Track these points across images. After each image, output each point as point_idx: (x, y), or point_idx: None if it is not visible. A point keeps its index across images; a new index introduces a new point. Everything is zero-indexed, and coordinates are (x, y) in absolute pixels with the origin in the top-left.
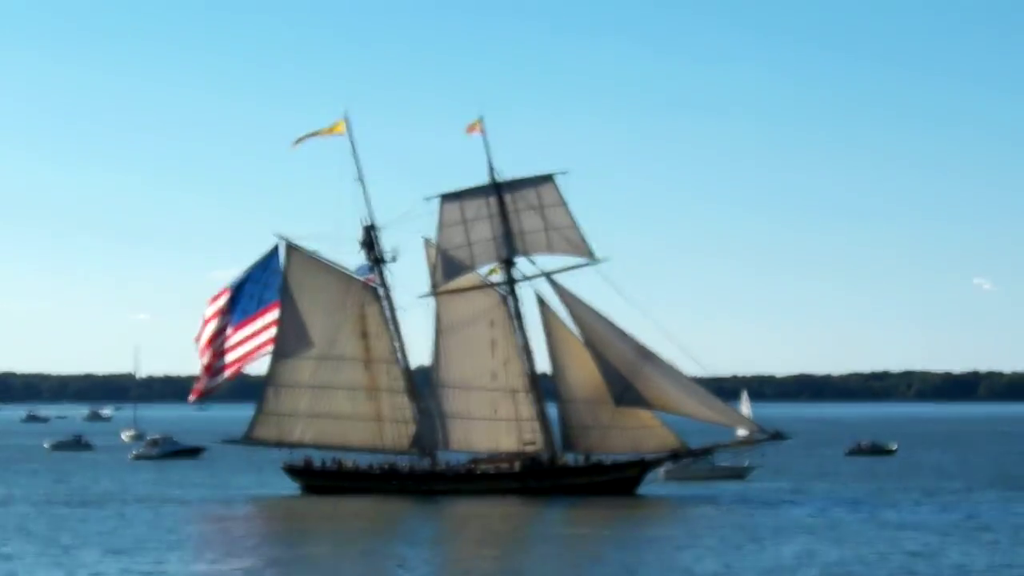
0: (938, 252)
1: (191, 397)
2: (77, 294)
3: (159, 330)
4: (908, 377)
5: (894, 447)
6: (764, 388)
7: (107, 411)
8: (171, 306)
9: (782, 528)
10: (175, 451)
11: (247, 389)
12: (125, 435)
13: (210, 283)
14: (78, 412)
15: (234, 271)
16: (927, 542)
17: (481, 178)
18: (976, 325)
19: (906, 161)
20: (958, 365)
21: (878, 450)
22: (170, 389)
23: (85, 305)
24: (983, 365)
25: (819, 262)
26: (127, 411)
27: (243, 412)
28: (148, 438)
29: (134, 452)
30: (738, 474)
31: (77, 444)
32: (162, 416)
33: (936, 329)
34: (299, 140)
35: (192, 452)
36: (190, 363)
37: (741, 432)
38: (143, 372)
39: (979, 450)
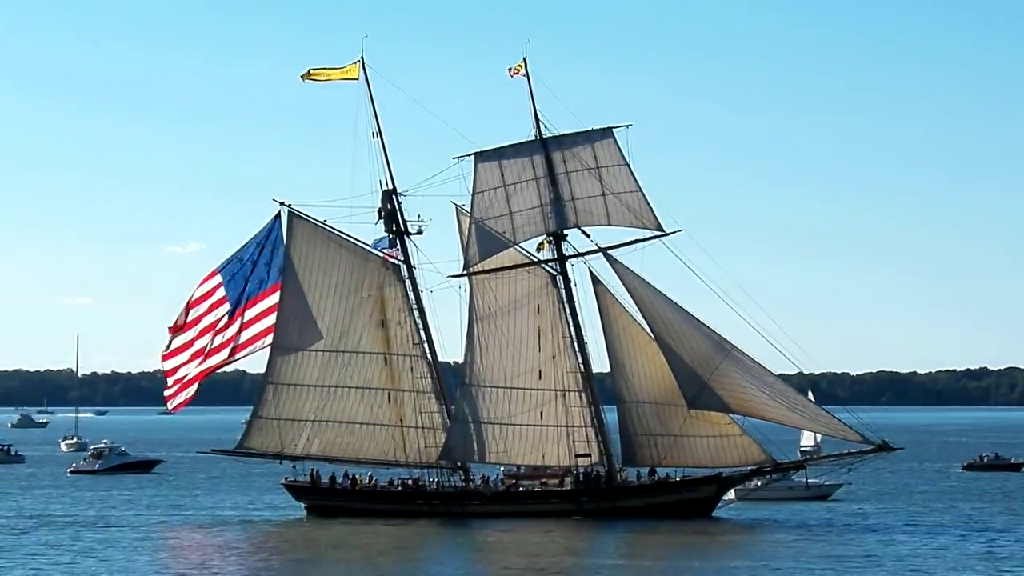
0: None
1: (170, 405)
2: (3, 275)
3: (104, 317)
4: (1010, 375)
5: (1021, 461)
6: (835, 388)
7: (42, 416)
8: (118, 289)
9: (881, 560)
10: (123, 464)
11: (218, 389)
12: (64, 445)
13: (167, 260)
14: (6, 417)
15: (204, 246)
16: None
17: (525, 133)
18: None
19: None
20: None
21: (1002, 465)
22: (119, 388)
23: (14, 288)
24: None
25: (904, 244)
26: (66, 415)
27: (213, 417)
28: (92, 448)
29: (73, 466)
30: (823, 494)
31: (5, 456)
32: (112, 422)
33: None
34: (309, 74)
35: (144, 465)
36: (144, 357)
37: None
38: (85, 368)
39: None
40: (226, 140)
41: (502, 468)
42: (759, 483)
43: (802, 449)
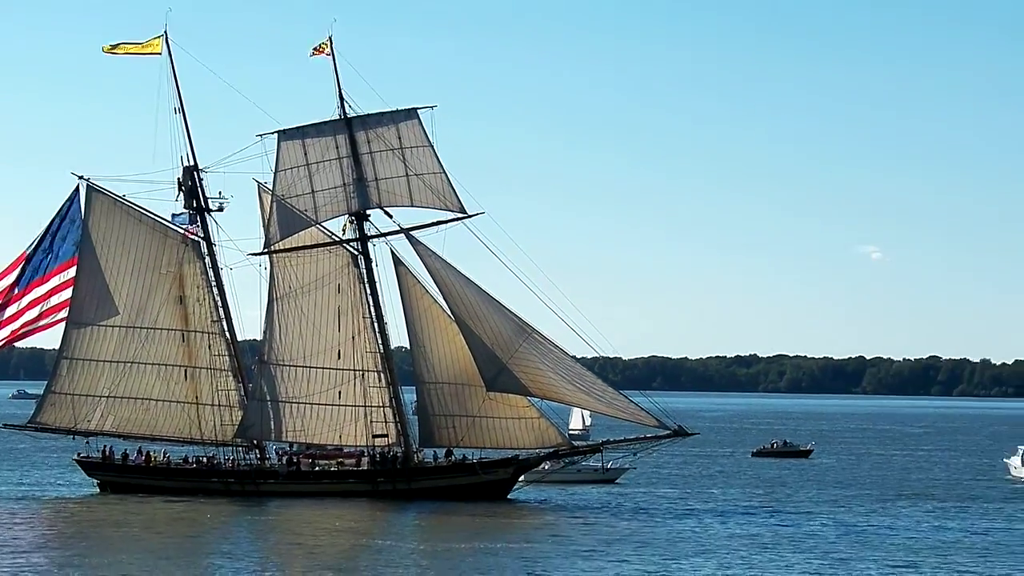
0: (815, 213)
1: None
2: None
3: None
4: (779, 363)
5: (809, 448)
6: (607, 372)
7: None
8: None
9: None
10: None
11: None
12: None
13: None
14: None
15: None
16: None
17: (329, 112)
18: (862, 302)
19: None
20: (840, 350)
21: (791, 452)
22: None
23: None
24: (870, 351)
25: (684, 220)
26: None
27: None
28: None
29: None
30: (610, 478)
31: None
32: None
33: (815, 306)
34: (110, 48)
35: None
36: None
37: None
38: None
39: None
40: (24, 109)
41: (294, 446)
42: (547, 466)
43: (571, 432)
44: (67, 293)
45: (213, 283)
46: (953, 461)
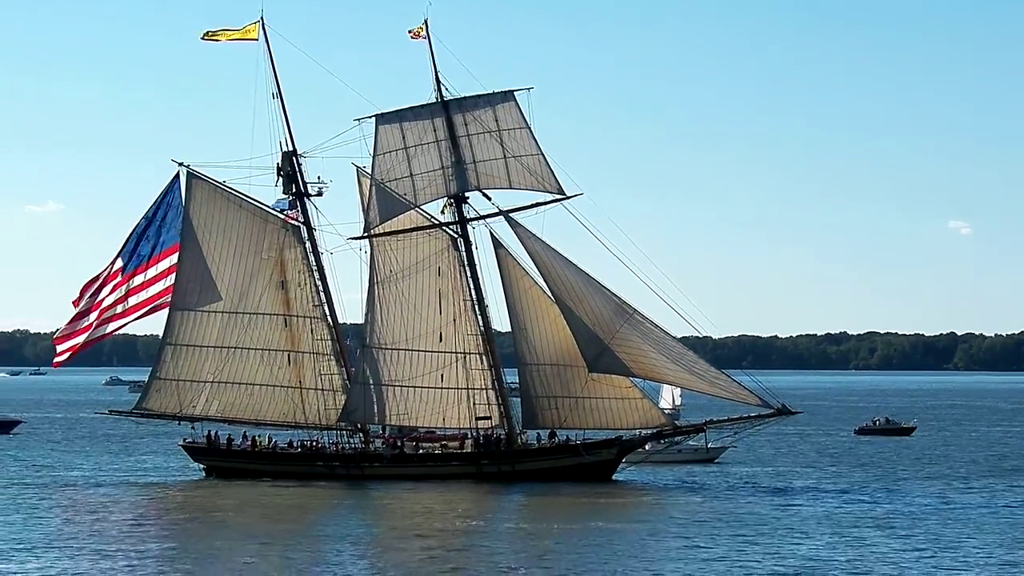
0: (903, 191)
1: (58, 358)
2: None
3: None
4: (870, 340)
5: (912, 425)
6: (697, 351)
7: None
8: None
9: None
10: None
11: (93, 352)
12: None
13: (27, 218)
14: None
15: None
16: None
17: (426, 95)
18: (953, 279)
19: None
20: (931, 327)
21: (894, 429)
22: None
23: None
24: (961, 327)
25: (772, 203)
26: None
27: (87, 378)
28: None
29: None
30: (710, 457)
31: None
32: None
33: (905, 283)
34: (208, 35)
35: (3, 427)
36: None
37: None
38: None
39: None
40: (124, 99)
41: (387, 430)
42: (650, 446)
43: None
44: (170, 279)
45: (314, 267)
46: None
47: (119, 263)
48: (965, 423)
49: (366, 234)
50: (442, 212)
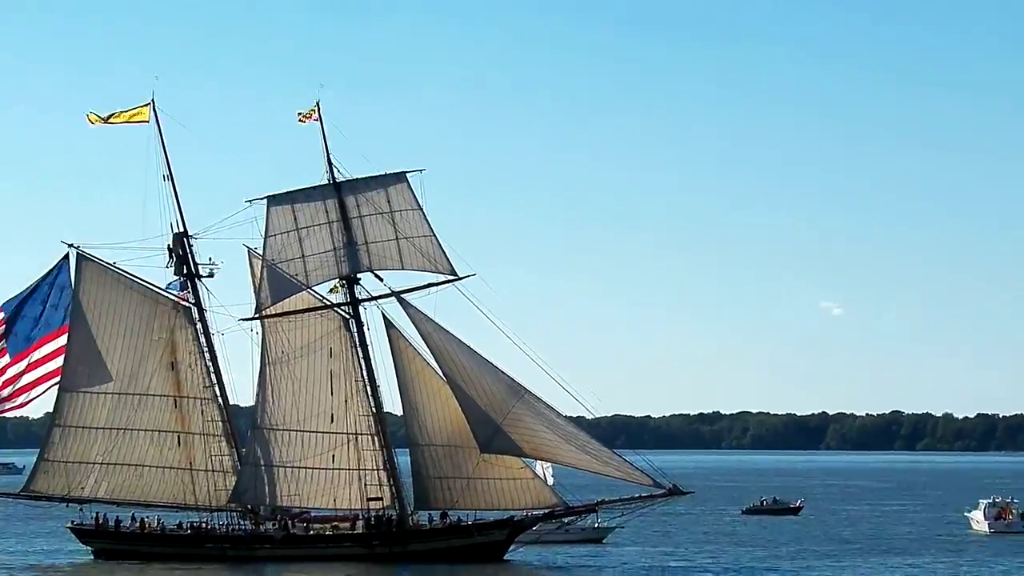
0: (776, 269)
1: None
2: None
3: None
4: (743, 419)
5: (799, 504)
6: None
7: None
8: None
9: None
10: None
11: None
12: None
13: None
14: None
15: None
16: None
17: (318, 177)
18: (824, 358)
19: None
20: (803, 407)
21: (781, 509)
22: None
23: None
24: (832, 407)
25: (646, 280)
26: None
27: None
28: None
29: None
30: (598, 537)
31: None
32: None
33: (777, 362)
34: (97, 119)
35: None
36: None
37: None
38: None
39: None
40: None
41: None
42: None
43: None
44: (59, 361)
45: (205, 349)
46: (918, 514)
47: (1, 344)
48: (847, 502)
49: (257, 315)
50: (331, 291)
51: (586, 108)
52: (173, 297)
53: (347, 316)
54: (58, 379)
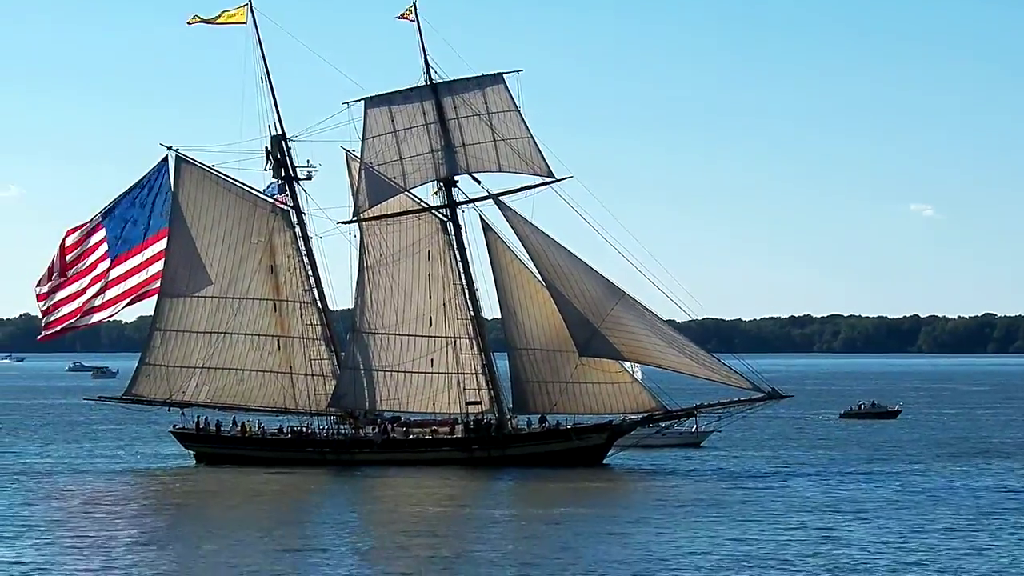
0: (866, 174)
1: (46, 331)
2: None
3: None
4: (833, 323)
5: (897, 408)
6: None
7: None
8: None
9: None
10: None
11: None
12: None
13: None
14: None
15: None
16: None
17: (415, 78)
18: (916, 261)
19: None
20: (894, 310)
21: (879, 412)
22: None
23: None
24: (924, 310)
25: (737, 186)
26: None
27: (49, 364)
28: None
29: None
30: (696, 441)
31: None
32: None
33: (868, 265)
34: (196, 18)
35: None
36: None
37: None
38: None
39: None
40: (113, 83)
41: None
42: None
43: None
44: (157, 266)
45: (304, 252)
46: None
47: (104, 247)
48: (945, 405)
49: (355, 218)
50: (433, 194)
51: (695, 22)
52: (271, 200)
53: (445, 219)
54: (158, 283)
